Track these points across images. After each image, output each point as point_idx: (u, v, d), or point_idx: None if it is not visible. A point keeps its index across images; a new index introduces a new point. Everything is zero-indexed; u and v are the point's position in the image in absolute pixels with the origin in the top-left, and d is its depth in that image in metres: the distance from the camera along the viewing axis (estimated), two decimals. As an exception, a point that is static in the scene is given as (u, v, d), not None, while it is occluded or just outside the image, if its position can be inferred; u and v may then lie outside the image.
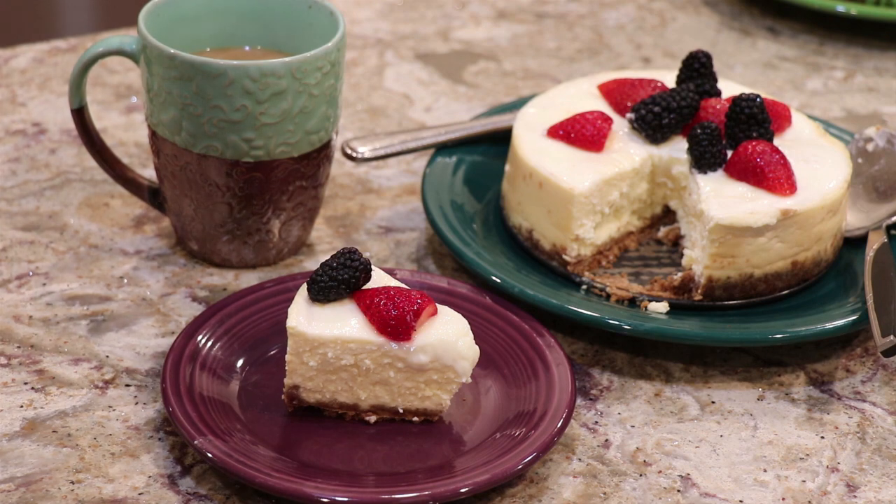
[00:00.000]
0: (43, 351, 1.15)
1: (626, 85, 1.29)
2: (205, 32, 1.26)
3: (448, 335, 1.05)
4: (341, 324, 1.05)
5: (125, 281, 1.23)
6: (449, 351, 1.05)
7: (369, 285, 1.07)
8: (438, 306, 1.07)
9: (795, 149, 1.24)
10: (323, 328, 1.05)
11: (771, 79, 1.61)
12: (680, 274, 1.22)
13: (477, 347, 1.06)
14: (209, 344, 1.11)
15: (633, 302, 1.20)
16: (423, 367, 1.06)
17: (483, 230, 1.26)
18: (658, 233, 1.29)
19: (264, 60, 1.17)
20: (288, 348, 1.06)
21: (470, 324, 1.07)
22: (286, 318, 1.06)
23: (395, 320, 1.04)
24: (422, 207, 1.27)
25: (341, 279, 1.05)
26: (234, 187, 1.20)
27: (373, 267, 1.08)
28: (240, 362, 1.11)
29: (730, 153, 1.22)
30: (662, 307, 1.19)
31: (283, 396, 1.08)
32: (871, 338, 1.19)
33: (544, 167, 1.22)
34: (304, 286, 1.07)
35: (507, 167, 1.28)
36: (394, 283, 1.08)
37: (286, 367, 1.06)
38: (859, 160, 1.33)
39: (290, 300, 1.07)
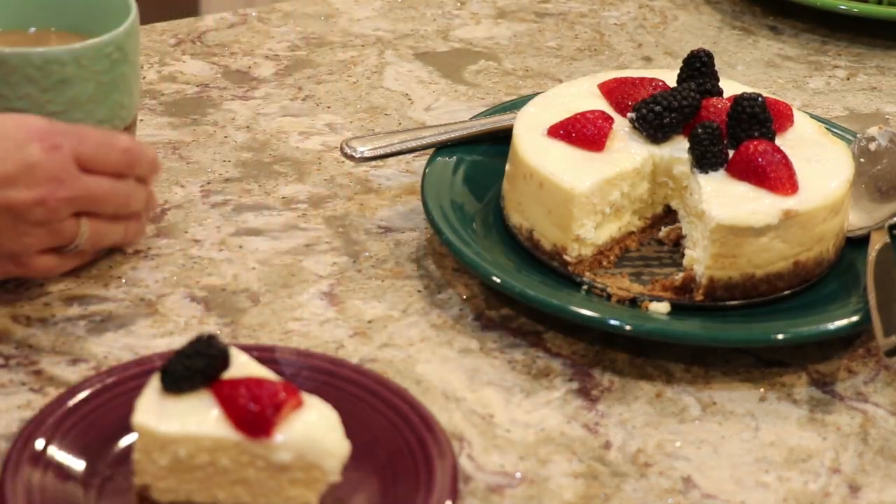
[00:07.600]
0: (41, 351, 1.14)
1: (627, 84, 1.29)
2: None
3: (314, 431, 0.95)
4: (195, 419, 0.95)
5: (123, 281, 1.22)
6: (315, 448, 0.95)
7: (231, 374, 0.97)
8: (306, 396, 0.97)
9: (797, 148, 1.24)
10: (174, 424, 0.95)
11: (773, 78, 1.61)
12: (681, 274, 1.22)
13: (347, 443, 0.96)
14: (50, 446, 1.00)
15: (633, 302, 1.20)
16: (287, 466, 0.96)
17: (483, 230, 1.26)
18: (659, 233, 1.29)
19: (47, 48, 1.13)
20: (136, 445, 0.96)
21: (350, 409, 0.99)
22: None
23: (253, 415, 0.94)
24: (422, 207, 1.27)
25: (196, 368, 0.95)
26: None
27: (237, 352, 0.99)
28: (88, 461, 1.00)
29: (731, 153, 1.22)
30: (663, 307, 1.19)
31: (133, 496, 0.98)
32: (873, 338, 1.19)
33: (544, 167, 1.22)
34: (157, 375, 0.97)
35: (508, 167, 1.27)
36: (257, 370, 0.98)
37: (134, 466, 0.97)
38: (862, 160, 1.32)
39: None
